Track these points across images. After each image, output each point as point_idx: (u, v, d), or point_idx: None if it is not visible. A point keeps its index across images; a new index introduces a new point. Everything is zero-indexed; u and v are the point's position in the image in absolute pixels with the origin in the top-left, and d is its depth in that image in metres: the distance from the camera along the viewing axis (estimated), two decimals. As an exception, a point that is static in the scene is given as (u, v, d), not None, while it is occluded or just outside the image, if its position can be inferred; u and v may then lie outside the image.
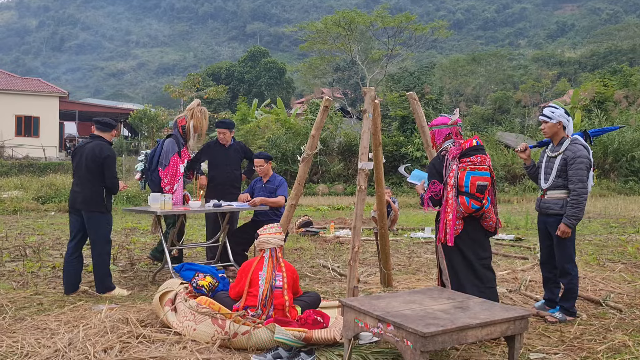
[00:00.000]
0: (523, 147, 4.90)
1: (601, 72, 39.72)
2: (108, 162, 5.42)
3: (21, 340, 3.97)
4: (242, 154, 7.05)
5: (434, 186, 4.20)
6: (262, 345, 3.82)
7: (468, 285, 4.24)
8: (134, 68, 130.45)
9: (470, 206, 4.14)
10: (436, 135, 4.40)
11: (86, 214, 5.44)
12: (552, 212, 4.67)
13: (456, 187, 4.13)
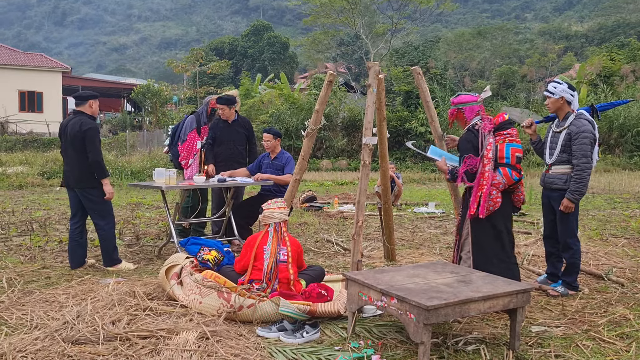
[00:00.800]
0: (529, 123, 4.87)
1: (608, 46, 39.19)
2: (89, 135, 5.30)
3: (30, 312, 4.04)
4: (245, 130, 7.04)
5: (469, 160, 4.16)
6: (267, 318, 3.88)
7: (496, 261, 4.21)
8: (137, 43, 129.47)
9: (512, 177, 4.16)
10: (466, 112, 4.37)
11: (80, 191, 5.45)
12: (556, 186, 4.68)
13: (495, 160, 4.14)
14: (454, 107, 4.43)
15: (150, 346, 3.38)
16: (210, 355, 3.28)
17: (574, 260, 4.72)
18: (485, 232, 4.25)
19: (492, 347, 3.55)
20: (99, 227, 5.51)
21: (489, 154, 4.12)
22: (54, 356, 3.16)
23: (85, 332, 3.52)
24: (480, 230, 4.26)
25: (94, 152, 5.31)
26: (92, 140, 5.31)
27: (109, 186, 5.42)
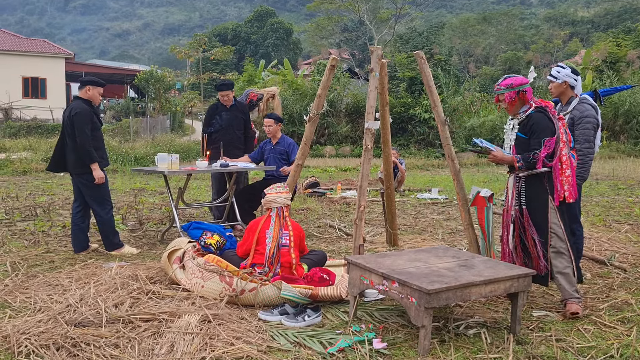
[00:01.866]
0: None
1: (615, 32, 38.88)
2: (76, 120, 5.28)
3: (34, 296, 4.07)
4: (243, 114, 7.05)
5: (549, 142, 3.83)
6: (269, 302, 3.89)
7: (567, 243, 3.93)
8: (140, 28, 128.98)
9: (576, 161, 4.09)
10: (528, 93, 4.01)
11: (76, 177, 5.46)
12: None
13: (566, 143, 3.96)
14: (514, 90, 3.97)
15: (153, 329, 3.40)
16: (212, 338, 3.30)
17: (577, 246, 4.61)
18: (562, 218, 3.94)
19: (493, 331, 3.56)
20: (95, 212, 5.52)
21: (563, 137, 3.90)
22: (57, 338, 3.18)
23: (88, 314, 3.54)
24: (560, 215, 3.93)
25: (80, 137, 5.28)
26: (79, 124, 5.28)
27: (99, 171, 5.36)
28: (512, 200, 4.03)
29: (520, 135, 3.98)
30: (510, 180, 4.09)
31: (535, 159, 3.85)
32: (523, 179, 3.96)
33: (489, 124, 22.20)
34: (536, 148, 3.84)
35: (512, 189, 4.05)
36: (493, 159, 4.06)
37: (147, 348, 3.16)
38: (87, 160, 5.32)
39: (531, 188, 3.96)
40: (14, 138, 23.37)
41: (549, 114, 3.90)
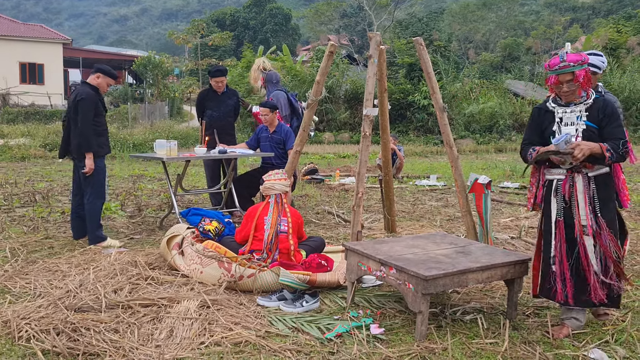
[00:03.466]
0: None
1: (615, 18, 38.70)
2: (81, 105, 5.20)
3: (34, 281, 4.09)
4: (233, 101, 7.05)
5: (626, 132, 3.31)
6: (268, 288, 3.92)
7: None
8: (137, 14, 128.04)
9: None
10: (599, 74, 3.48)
11: (77, 161, 5.41)
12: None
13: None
14: (584, 68, 3.24)
15: (152, 314, 3.43)
16: (211, 324, 3.33)
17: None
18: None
19: (490, 317, 3.59)
20: (85, 199, 5.35)
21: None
22: (57, 323, 3.21)
23: (87, 300, 3.57)
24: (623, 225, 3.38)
25: (82, 123, 5.21)
26: (83, 110, 5.21)
27: (90, 161, 5.23)
28: (586, 209, 3.21)
29: (591, 124, 3.22)
30: (578, 182, 3.24)
31: (625, 150, 3.14)
32: (593, 180, 3.23)
33: (488, 110, 22.15)
34: (623, 137, 3.16)
35: (583, 194, 3.23)
36: (583, 152, 3.10)
37: (146, 333, 3.19)
38: (84, 147, 5.26)
39: (603, 191, 3.25)
40: (12, 124, 23.28)
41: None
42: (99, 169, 5.38)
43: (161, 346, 3.02)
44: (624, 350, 3.09)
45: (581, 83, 3.20)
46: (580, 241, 3.21)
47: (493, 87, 25.77)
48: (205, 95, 6.94)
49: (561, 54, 3.23)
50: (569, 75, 3.18)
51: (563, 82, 3.21)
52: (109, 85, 5.53)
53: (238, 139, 7.64)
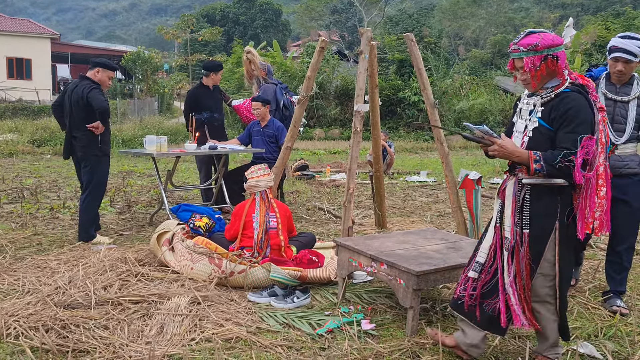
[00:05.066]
0: None
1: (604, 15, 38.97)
2: (91, 95, 5.07)
3: (22, 278, 4.06)
4: (221, 96, 7.03)
5: (589, 142, 2.50)
6: (258, 284, 3.91)
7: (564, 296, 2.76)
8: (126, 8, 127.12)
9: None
10: (561, 59, 2.61)
11: (82, 158, 5.34)
12: (631, 171, 3.66)
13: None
14: (540, 55, 2.59)
15: (142, 311, 3.42)
16: (201, 320, 3.32)
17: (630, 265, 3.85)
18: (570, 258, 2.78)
19: (480, 312, 3.61)
20: (86, 196, 5.28)
21: (602, 137, 2.59)
22: (46, 320, 3.18)
23: (77, 297, 3.55)
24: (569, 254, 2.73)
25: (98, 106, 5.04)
26: (94, 97, 5.04)
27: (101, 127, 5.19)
28: (510, 218, 2.69)
29: (543, 123, 2.61)
30: (508, 187, 2.75)
31: (565, 164, 2.48)
32: (528, 189, 2.65)
33: (478, 107, 22.23)
34: (568, 147, 2.48)
35: (511, 200, 2.70)
36: (498, 152, 2.65)
37: (136, 329, 3.18)
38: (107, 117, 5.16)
39: (538, 205, 2.64)
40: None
41: (590, 99, 2.59)
42: (102, 170, 5.33)
43: (151, 343, 3.01)
44: (612, 345, 3.12)
45: (529, 74, 2.62)
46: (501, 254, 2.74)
47: (483, 83, 25.86)
48: (199, 94, 6.82)
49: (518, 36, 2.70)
50: (520, 62, 2.64)
51: (517, 68, 2.69)
52: (110, 78, 5.38)
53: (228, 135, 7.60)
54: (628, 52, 3.48)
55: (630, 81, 3.63)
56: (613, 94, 3.62)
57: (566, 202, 2.61)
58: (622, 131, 3.59)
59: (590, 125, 2.53)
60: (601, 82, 3.66)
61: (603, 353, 3.01)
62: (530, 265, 2.63)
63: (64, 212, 6.71)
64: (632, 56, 3.49)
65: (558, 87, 2.61)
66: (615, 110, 3.60)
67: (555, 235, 2.61)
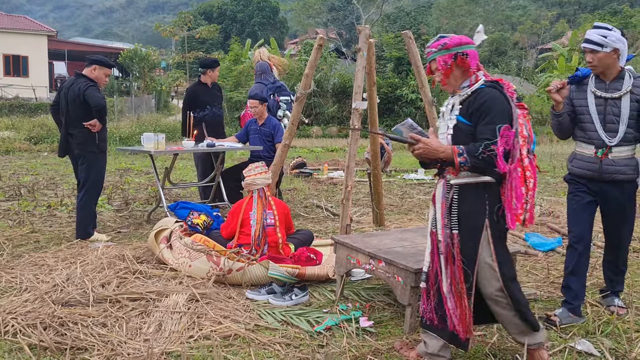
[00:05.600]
0: (560, 85, 3.40)
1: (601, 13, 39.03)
2: (88, 92, 5.04)
3: (20, 276, 4.05)
4: (220, 94, 7.02)
5: (507, 132, 2.55)
6: (257, 281, 3.91)
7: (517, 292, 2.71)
8: (123, 6, 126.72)
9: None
10: (471, 58, 2.68)
11: (79, 156, 5.34)
12: (625, 177, 3.36)
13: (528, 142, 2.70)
14: (450, 53, 2.69)
15: (140, 308, 3.41)
16: (200, 317, 3.32)
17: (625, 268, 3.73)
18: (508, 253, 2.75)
19: (478, 309, 3.61)
20: (83, 194, 5.27)
21: (523, 131, 2.65)
22: (44, 317, 3.18)
23: (75, 294, 3.54)
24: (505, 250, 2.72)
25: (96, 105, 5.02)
26: (91, 95, 5.02)
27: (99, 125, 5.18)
28: (441, 221, 2.70)
29: (462, 120, 2.66)
30: (437, 190, 2.77)
31: (488, 154, 2.50)
32: (456, 189, 2.67)
33: (476, 105, 22.25)
34: (488, 138, 2.53)
35: (441, 203, 2.72)
36: (423, 150, 2.65)
37: (134, 327, 3.18)
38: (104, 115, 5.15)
39: (466, 204, 2.66)
40: (-4, 117, 22.95)
41: (505, 93, 2.67)
42: (99, 168, 5.32)
43: (150, 340, 3.00)
44: (610, 342, 3.13)
45: (442, 73, 2.69)
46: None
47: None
48: (197, 91, 6.81)
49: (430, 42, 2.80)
50: (435, 64, 2.72)
51: (433, 71, 2.77)
52: (107, 76, 5.36)
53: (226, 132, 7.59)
54: (592, 42, 3.30)
55: (621, 75, 3.36)
56: (602, 92, 3.37)
57: (494, 199, 2.63)
58: (615, 131, 3.33)
59: (508, 116, 2.59)
60: (590, 81, 3.43)
61: (600, 350, 3.02)
62: (463, 269, 2.62)
63: (62, 209, 6.70)
64: (596, 46, 3.28)
65: (473, 85, 2.69)
66: (606, 109, 3.36)
67: (487, 233, 2.62)
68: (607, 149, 3.35)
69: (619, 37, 3.26)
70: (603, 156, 3.36)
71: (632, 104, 3.31)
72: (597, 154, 3.37)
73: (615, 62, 3.31)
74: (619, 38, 3.26)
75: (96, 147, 5.26)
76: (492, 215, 2.62)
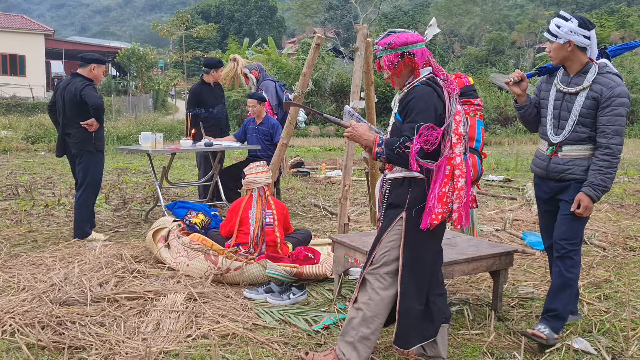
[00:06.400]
0: (518, 76, 3.23)
1: (598, 13, 39.08)
2: (85, 92, 5.04)
3: (17, 275, 4.04)
4: (222, 93, 7.03)
5: (428, 131, 2.53)
6: (254, 280, 3.91)
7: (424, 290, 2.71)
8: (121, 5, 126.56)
9: (481, 171, 2.83)
10: (418, 57, 2.66)
11: (76, 155, 5.33)
12: (572, 176, 3.10)
13: (466, 140, 2.66)
14: (397, 52, 2.67)
15: (138, 307, 3.41)
16: (198, 316, 3.33)
17: (572, 275, 3.12)
18: (427, 251, 2.70)
19: (475, 308, 3.63)
20: (81, 193, 5.26)
21: (459, 128, 2.60)
22: (42, 317, 3.18)
23: (72, 293, 3.54)
24: (426, 245, 2.70)
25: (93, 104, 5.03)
26: (89, 95, 5.03)
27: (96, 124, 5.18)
28: (377, 213, 2.86)
29: (398, 117, 2.72)
30: (377, 184, 2.91)
31: (403, 150, 2.52)
32: (389, 183, 2.75)
33: (473, 104, 22.25)
34: (407, 135, 2.55)
35: (378, 197, 2.86)
36: (350, 134, 2.73)
37: (132, 326, 3.18)
38: (101, 114, 5.17)
39: (393, 198, 2.72)
40: (-7, 116, 22.91)
41: (443, 92, 2.65)
42: (97, 167, 5.31)
43: (148, 339, 3.01)
44: (606, 340, 3.14)
45: (390, 71, 2.69)
46: None
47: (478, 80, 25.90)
48: (200, 91, 6.78)
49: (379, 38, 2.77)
50: (381, 61, 2.73)
51: (381, 67, 2.75)
52: (104, 72, 5.40)
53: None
54: (548, 32, 3.10)
55: (585, 69, 3.07)
56: (564, 86, 3.12)
57: (417, 194, 2.63)
58: (564, 128, 3.09)
59: (433, 116, 2.57)
60: (558, 73, 3.20)
61: (597, 348, 3.03)
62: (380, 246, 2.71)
63: (59, 209, 6.69)
64: (551, 36, 3.08)
65: (412, 82, 2.69)
66: (562, 105, 3.12)
67: (401, 227, 2.64)
68: (556, 147, 3.14)
69: (574, 28, 2.99)
70: (552, 154, 3.16)
71: (586, 101, 3.02)
72: (547, 151, 3.20)
73: (572, 55, 3.05)
74: (574, 29, 2.99)
75: (93, 146, 5.26)
76: (410, 211, 2.63)
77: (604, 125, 2.96)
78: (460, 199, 2.58)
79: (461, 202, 2.58)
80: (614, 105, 2.94)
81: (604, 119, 2.96)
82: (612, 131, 2.94)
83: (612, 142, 2.94)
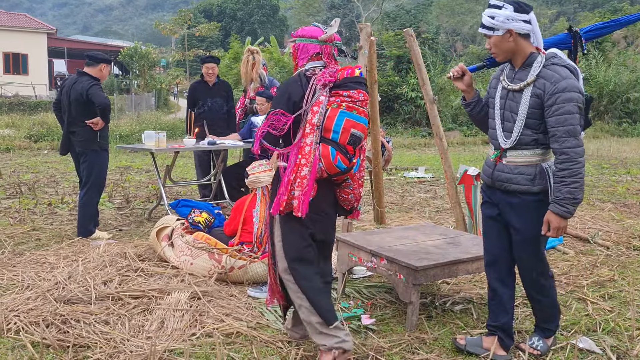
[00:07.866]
0: (458, 72, 2.88)
1: (601, 12, 38.99)
2: (92, 91, 5.06)
3: (21, 273, 4.05)
4: (225, 92, 7.01)
5: (276, 117, 2.67)
6: (258, 279, 3.92)
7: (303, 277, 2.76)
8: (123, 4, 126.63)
9: (336, 163, 2.64)
10: (299, 51, 2.84)
11: (81, 153, 5.34)
12: (516, 187, 2.72)
13: (320, 130, 2.65)
14: (295, 43, 2.91)
15: (142, 306, 3.42)
16: (202, 315, 3.33)
17: (550, 299, 2.92)
18: (293, 237, 2.78)
19: (479, 307, 3.62)
20: (85, 192, 5.27)
21: (313, 118, 2.64)
22: (47, 315, 3.18)
23: (77, 292, 3.55)
24: (289, 231, 2.78)
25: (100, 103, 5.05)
26: (95, 94, 5.05)
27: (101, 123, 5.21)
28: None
29: None
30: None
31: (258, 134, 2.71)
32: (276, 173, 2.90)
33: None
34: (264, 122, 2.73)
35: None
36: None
37: (137, 325, 3.18)
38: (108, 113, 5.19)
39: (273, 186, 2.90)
40: (-5, 115, 22.94)
41: (306, 81, 2.74)
42: (101, 165, 5.32)
43: (152, 337, 3.01)
44: (611, 339, 3.14)
45: (293, 58, 2.93)
46: None
47: (480, 79, 25.87)
48: (196, 87, 6.86)
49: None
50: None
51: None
52: (109, 72, 5.46)
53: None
54: (483, 26, 2.70)
55: (529, 62, 2.67)
56: (509, 82, 2.73)
57: (277, 182, 2.80)
58: (510, 131, 2.70)
59: (284, 102, 2.71)
60: (505, 67, 2.82)
61: (602, 348, 3.03)
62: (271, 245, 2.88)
63: (62, 207, 6.70)
64: (487, 30, 2.67)
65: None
66: (506, 104, 2.74)
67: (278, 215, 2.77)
68: (501, 152, 2.77)
69: (510, 15, 2.59)
70: (497, 160, 2.79)
71: (531, 99, 2.62)
72: (492, 157, 2.84)
73: (516, 46, 2.65)
74: (511, 16, 2.59)
75: (97, 145, 5.27)
76: (272, 198, 2.82)
77: (553, 128, 2.55)
78: (302, 187, 2.63)
79: (302, 190, 2.63)
80: (560, 103, 2.52)
81: (551, 120, 2.55)
82: (563, 133, 2.53)
83: (566, 146, 2.53)
